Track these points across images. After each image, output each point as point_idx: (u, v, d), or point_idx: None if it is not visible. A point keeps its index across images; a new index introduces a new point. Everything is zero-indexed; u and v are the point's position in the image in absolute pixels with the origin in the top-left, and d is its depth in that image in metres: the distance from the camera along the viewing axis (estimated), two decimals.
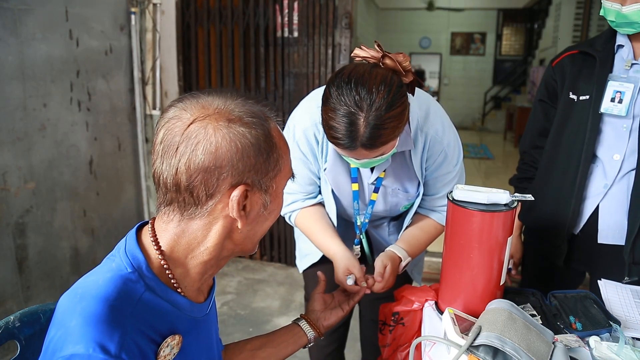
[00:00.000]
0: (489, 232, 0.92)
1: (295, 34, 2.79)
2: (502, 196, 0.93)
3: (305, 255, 1.43)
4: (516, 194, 0.96)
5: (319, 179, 1.26)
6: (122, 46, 2.65)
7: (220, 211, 0.65)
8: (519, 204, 0.98)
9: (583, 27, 3.37)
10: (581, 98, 1.29)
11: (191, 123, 0.62)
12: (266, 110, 0.69)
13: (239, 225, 0.66)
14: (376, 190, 1.22)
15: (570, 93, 1.32)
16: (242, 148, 0.62)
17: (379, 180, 1.20)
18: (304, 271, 1.47)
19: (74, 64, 2.30)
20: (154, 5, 2.78)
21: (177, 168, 0.61)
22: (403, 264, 1.20)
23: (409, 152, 1.16)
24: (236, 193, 0.63)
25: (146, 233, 0.69)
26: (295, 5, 2.76)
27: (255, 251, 0.75)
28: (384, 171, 1.19)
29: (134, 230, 0.70)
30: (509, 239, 0.95)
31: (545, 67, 1.47)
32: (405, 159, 1.18)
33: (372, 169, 1.19)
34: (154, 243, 0.67)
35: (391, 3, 10.28)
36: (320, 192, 1.29)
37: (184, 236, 0.67)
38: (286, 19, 2.79)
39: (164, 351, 0.64)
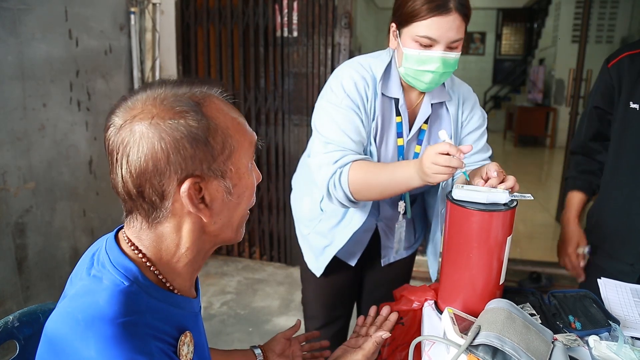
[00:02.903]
0: (488, 232, 0.92)
1: (295, 34, 2.79)
2: (501, 196, 0.93)
3: (324, 248, 1.35)
4: (515, 194, 0.96)
5: (365, 135, 1.20)
6: (122, 46, 2.65)
7: (181, 209, 0.63)
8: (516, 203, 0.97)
9: (583, 27, 3.37)
10: None
11: (121, 128, 0.60)
12: (201, 91, 0.64)
13: (204, 219, 0.64)
14: (419, 143, 1.24)
15: (631, 102, 1.23)
16: (173, 141, 0.59)
17: (422, 132, 1.23)
18: (312, 275, 1.42)
19: (73, 64, 2.30)
20: (154, 5, 2.78)
21: (123, 177, 0.60)
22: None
23: (445, 105, 1.25)
24: (184, 187, 0.60)
25: (122, 244, 0.67)
26: (295, 5, 2.75)
27: (241, 238, 0.72)
28: (426, 123, 1.23)
29: (112, 241, 0.67)
30: (508, 238, 0.95)
31: (601, 68, 1.36)
32: (442, 111, 1.25)
33: (410, 127, 1.22)
34: (137, 252, 0.65)
35: (391, 2, 10.22)
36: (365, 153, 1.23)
37: (162, 242, 0.65)
38: (286, 18, 2.79)
39: (183, 350, 0.64)
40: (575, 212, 1.42)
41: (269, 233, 3.16)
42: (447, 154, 0.94)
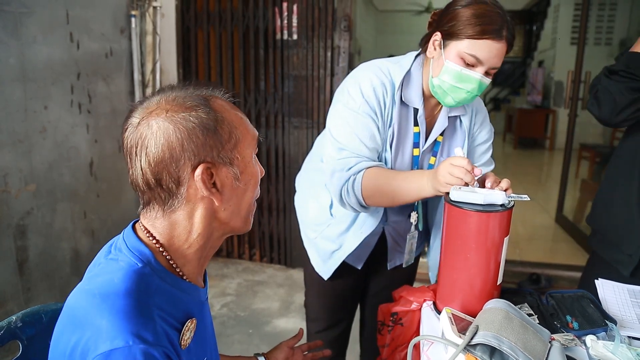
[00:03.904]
0: (485, 233, 0.93)
1: (295, 37, 2.81)
2: (498, 197, 0.94)
3: (333, 253, 1.35)
4: (512, 195, 0.97)
5: (380, 142, 1.20)
6: (123, 49, 2.66)
7: (194, 195, 0.69)
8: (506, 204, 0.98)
9: (581, 29, 3.39)
10: None
11: (138, 124, 0.67)
12: (206, 92, 0.72)
13: (216, 202, 0.70)
14: (434, 154, 1.25)
15: None
16: (187, 131, 0.66)
17: (437, 144, 1.24)
18: (320, 279, 1.41)
19: (74, 67, 2.31)
20: (154, 8, 2.79)
21: (142, 168, 0.67)
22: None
23: (459, 118, 1.26)
24: (198, 172, 0.67)
25: (139, 232, 0.72)
26: (295, 8, 2.77)
27: (250, 228, 0.78)
28: (442, 135, 1.24)
29: (130, 229, 0.73)
30: (505, 238, 0.96)
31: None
32: (456, 125, 1.26)
33: (426, 138, 1.22)
34: (151, 239, 0.70)
35: (390, 5, 10.30)
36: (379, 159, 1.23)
37: (175, 229, 0.70)
38: (285, 21, 2.80)
39: (186, 335, 0.68)
40: None
41: (269, 235, 3.16)
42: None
